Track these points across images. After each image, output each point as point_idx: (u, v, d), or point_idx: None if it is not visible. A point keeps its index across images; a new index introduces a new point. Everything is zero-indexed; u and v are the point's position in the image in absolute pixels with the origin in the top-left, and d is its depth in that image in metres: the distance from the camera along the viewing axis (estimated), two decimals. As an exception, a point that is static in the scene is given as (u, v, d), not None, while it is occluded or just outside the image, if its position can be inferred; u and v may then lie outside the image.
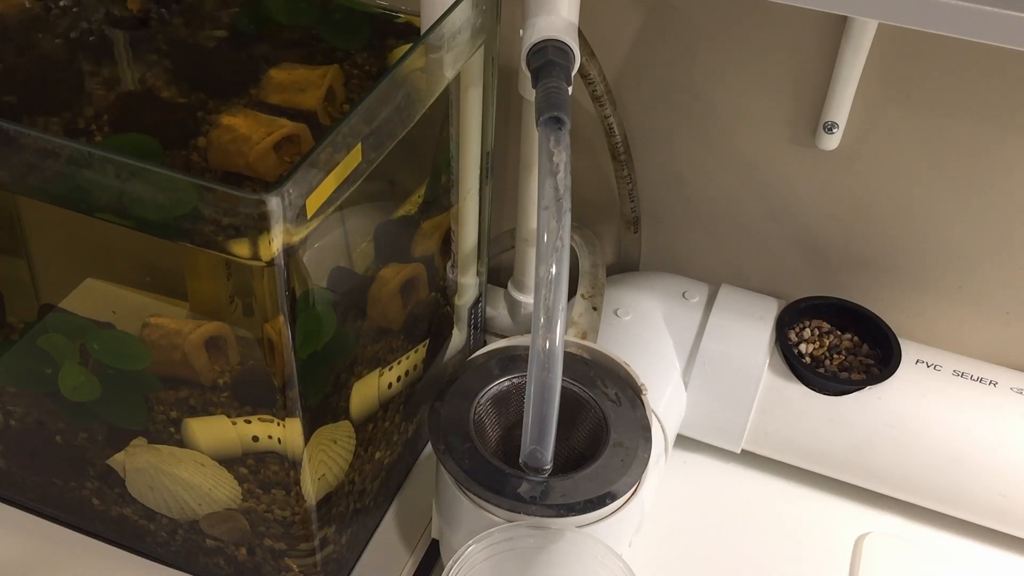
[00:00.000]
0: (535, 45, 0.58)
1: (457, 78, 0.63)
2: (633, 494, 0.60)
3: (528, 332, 0.55)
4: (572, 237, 0.64)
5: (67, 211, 0.52)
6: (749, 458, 0.77)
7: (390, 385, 0.67)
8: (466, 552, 0.55)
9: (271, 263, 0.47)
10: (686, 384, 0.75)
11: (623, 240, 0.85)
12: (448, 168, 0.68)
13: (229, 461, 0.60)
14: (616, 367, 0.66)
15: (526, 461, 0.57)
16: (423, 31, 0.58)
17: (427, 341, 0.72)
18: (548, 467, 0.58)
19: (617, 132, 0.76)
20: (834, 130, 0.73)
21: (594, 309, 0.76)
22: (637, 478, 0.59)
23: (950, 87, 0.69)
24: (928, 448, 0.71)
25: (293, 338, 0.52)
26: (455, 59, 0.61)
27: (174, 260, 0.57)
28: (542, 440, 0.56)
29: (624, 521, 0.60)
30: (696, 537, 0.74)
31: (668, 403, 0.73)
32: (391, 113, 0.54)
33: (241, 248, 0.47)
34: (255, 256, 0.47)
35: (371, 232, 0.67)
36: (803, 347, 0.74)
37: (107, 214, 0.49)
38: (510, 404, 0.65)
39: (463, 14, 0.59)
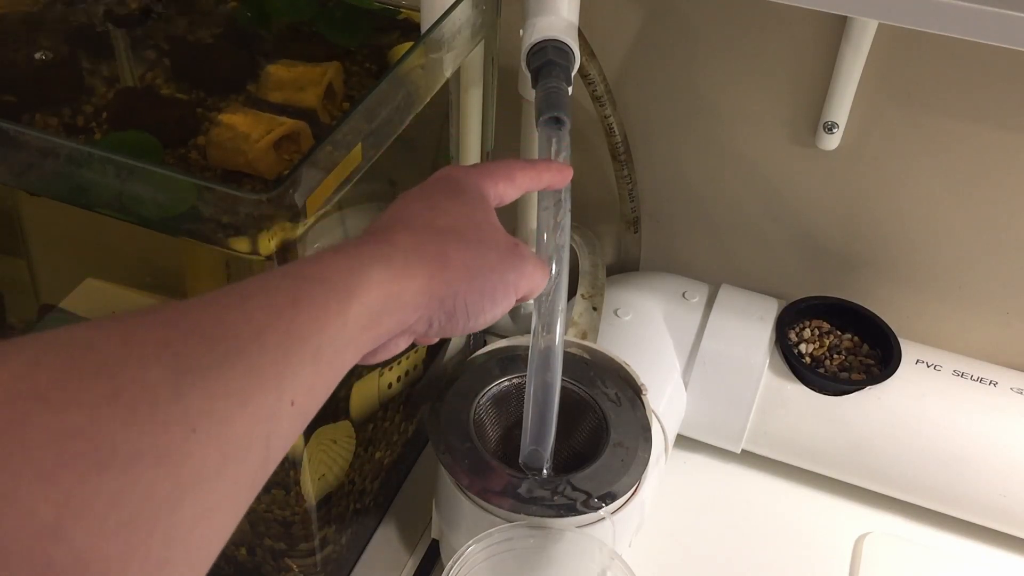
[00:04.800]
0: (535, 45, 0.58)
1: (457, 78, 0.63)
2: (633, 494, 0.60)
3: (528, 332, 0.55)
4: (572, 237, 0.64)
5: (67, 212, 0.52)
6: (749, 458, 0.77)
7: (390, 385, 0.67)
8: (466, 552, 0.55)
9: (270, 258, 0.47)
10: (686, 384, 0.75)
11: (623, 240, 0.85)
12: (448, 168, 0.68)
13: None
14: (616, 367, 0.66)
15: (526, 461, 0.57)
16: (423, 30, 0.58)
17: (427, 341, 0.72)
18: (548, 467, 0.58)
19: (617, 132, 0.76)
20: (834, 130, 0.73)
21: (594, 309, 0.76)
22: (637, 478, 0.59)
23: (950, 87, 0.69)
24: (928, 448, 0.71)
25: (293, 338, 0.52)
26: (455, 59, 0.61)
27: (174, 260, 0.57)
28: (542, 440, 0.56)
29: (624, 521, 0.60)
30: (696, 537, 0.74)
31: (668, 403, 0.73)
32: (391, 113, 0.54)
33: (240, 245, 0.47)
34: (254, 251, 0.47)
35: (371, 232, 0.67)
36: (803, 347, 0.74)
37: (107, 211, 0.49)
38: (510, 404, 0.65)
39: (463, 14, 0.59)
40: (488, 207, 0.49)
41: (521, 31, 0.60)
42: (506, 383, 0.65)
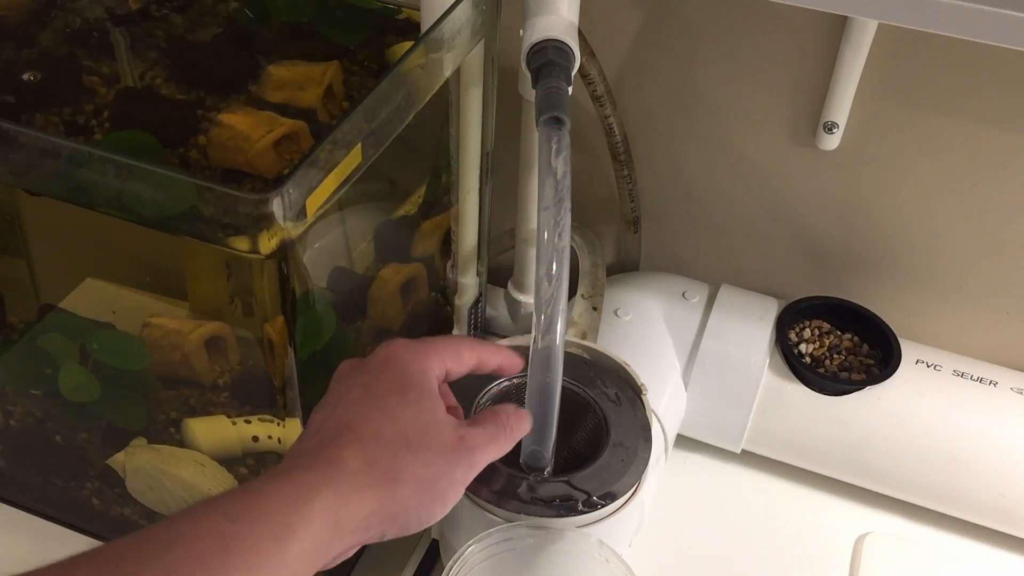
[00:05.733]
0: (535, 45, 0.58)
1: (457, 78, 0.63)
2: (633, 494, 0.60)
3: (528, 332, 0.55)
4: (572, 237, 0.64)
5: (67, 212, 0.52)
6: (749, 458, 0.77)
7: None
8: (466, 552, 0.55)
9: (271, 256, 0.47)
10: (686, 384, 0.75)
11: (623, 240, 0.85)
12: (448, 168, 0.68)
13: (229, 461, 0.60)
14: (616, 367, 0.66)
15: (527, 461, 0.57)
16: (423, 30, 0.58)
17: (427, 341, 0.72)
18: (548, 467, 0.58)
19: (617, 132, 0.76)
20: (834, 130, 0.73)
21: (594, 309, 0.76)
22: (637, 478, 0.59)
23: (950, 87, 0.69)
24: (928, 448, 0.71)
25: (293, 338, 0.52)
26: (455, 59, 0.61)
27: (174, 260, 0.57)
28: (542, 440, 0.56)
29: (624, 521, 0.60)
30: (696, 537, 0.74)
31: (668, 403, 0.73)
32: (391, 112, 0.54)
33: (240, 244, 0.47)
34: (254, 250, 0.47)
35: (371, 232, 0.67)
36: (803, 347, 0.74)
37: (107, 210, 0.49)
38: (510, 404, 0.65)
39: (463, 14, 0.59)
40: (434, 397, 0.49)
41: (521, 31, 0.60)
42: (506, 383, 0.64)
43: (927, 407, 0.71)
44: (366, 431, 0.45)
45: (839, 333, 0.76)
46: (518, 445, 0.57)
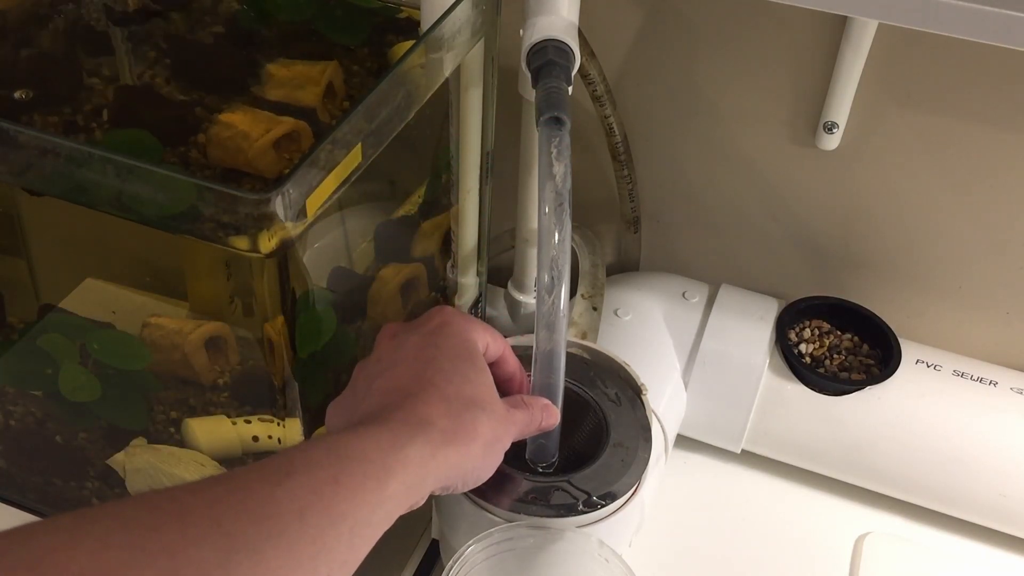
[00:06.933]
0: (535, 45, 0.58)
1: (457, 78, 0.63)
2: (633, 494, 0.60)
3: (529, 332, 0.55)
4: (572, 237, 0.64)
5: (67, 212, 0.52)
6: (749, 458, 0.77)
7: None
8: (466, 552, 0.55)
9: (271, 256, 0.47)
10: (686, 384, 0.75)
11: (623, 240, 0.84)
12: (448, 168, 0.68)
13: (229, 461, 0.60)
14: (616, 367, 0.66)
15: (532, 457, 0.58)
16: (423, 30, 0.58)
17: (427, 341, 0.72)
18: (554, 461, 0.58)
19: (617, 132, 0.76)
20: (834, 130, 0.73)
21: (594, 309, 0.76)
22: (637, 478, 0.59)
23: (950, 87, 0.69)
24: (928, 448, 0.71)
25: (293, 338, 0.52)
26: (455, 58, 0.61)
27: (174, 260, 0.57)
28: (548, 437, 0.57)
29: (624, 521, 0.60)
30: (696, 537, 0.74)
31: (668, 403, 0.73)
32: (391, 113, 0.54)
33: (240, 243, 0.47)
34: (254, 249, 0.47)
35: (371, 232, 0.67)
36: (803, 347, 0.74)
37: (107, 209, 0.49)
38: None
39: (463, 14, 0.59)
40: (487, 368, 0.53)
41: (521, 31, 0.60)
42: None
43: (927, 407, 0.71)
44: (449, 390, 0.49)
45: (839, 333, 0.76)
46: (520, 444, 0.57)
